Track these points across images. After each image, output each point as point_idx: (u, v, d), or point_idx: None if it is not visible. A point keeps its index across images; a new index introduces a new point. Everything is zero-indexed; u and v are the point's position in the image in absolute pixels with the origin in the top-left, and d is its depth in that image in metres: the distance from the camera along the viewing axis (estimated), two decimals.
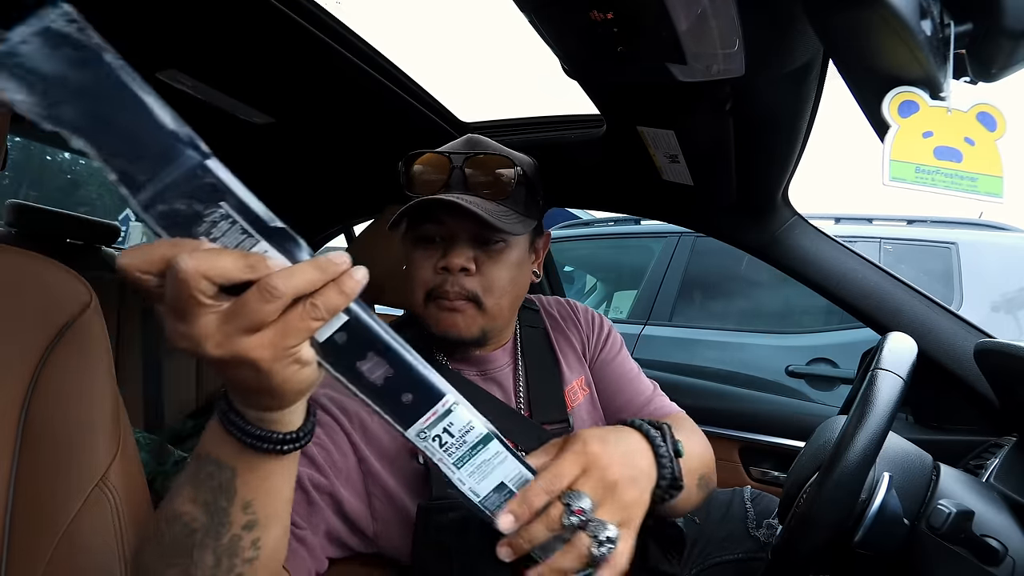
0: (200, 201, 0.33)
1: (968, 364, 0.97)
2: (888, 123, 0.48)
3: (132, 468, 0.54)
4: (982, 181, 0.47)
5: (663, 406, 0.82)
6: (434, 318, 0.67)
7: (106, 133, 0.32)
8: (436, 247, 0.68)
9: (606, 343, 0.85)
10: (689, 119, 0.85)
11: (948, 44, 0.47)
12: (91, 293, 0.55)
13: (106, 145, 0.32)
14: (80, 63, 0.31)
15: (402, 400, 0.39)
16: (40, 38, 0.31)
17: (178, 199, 0.33)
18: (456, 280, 0.65)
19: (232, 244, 0.34)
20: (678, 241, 2.21)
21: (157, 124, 0.33)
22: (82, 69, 0.31)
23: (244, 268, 0.31)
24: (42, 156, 16.22)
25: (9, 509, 0.47)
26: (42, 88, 0.31)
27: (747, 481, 1.41)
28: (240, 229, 0.34)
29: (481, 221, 0.62)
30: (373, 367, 0.37)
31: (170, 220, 0.33)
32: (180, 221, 0.33)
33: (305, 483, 0.57)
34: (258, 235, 0.34)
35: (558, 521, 0.42)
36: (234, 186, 0.34)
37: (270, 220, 0.35)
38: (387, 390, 0.38)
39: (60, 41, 0.31)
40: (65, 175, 18.04)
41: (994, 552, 0.55)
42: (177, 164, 0.33)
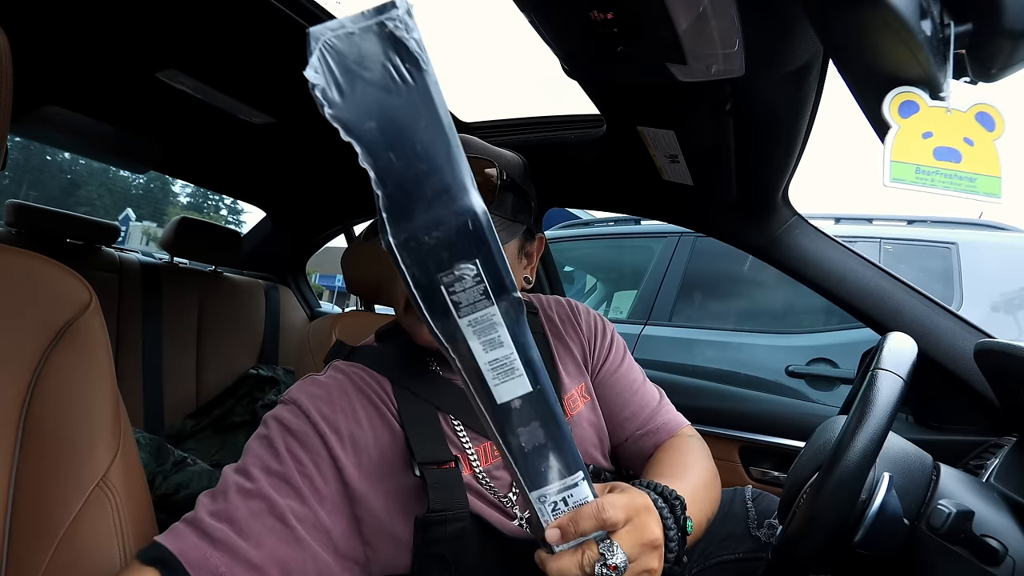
0: (457, 251, 0.33)
1: (968, 364, 0.97)
2: (888, 123, 0.48)
3: (132, 468, 0.54)
4: (981, 181, 0.47)
5: (671, 420, 0.80)
6: (414, 329, 0.65)
7: (400, 154, 0.30)
8: None
9: (610, 352, 0.82)
10: (689, 119, 0.85)
11: (948, 44, 0.47)
12: (91, 293, 0.55)
13: (393, 167, 0.30)
14: (402, 73, 0.30)
15: (540, 467, 0.41)
16: (374, 35, 0.29)
17: (437, 242, 0.32)
18: None
19: (468, 300, 0.34)
20: (678, 241, 2.21)
21: (453, 159, 0.31)
22: (402, 79, 0.30)
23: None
24: (42, 156, 16.21)
25: (9, 509, 0.47)
26: (354, 89, 0.30)
27: (747, 481, 1.41)
28: (482, 290, 0.34)
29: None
30: (531, 435, 0.40)
31: (418, 259, 0.32)
32: (428, 264, 0.32)
33: (288, 517, 0.52)
34: (494, 299, 0.34)
35: (590, 566, 0.43)
36: (494, 246, 0.33)
37: (512, 289, 0.35)
38: (532, 456, 0.40)
39: (391, 43, 0.29)
40: (65, 175, 18.02)
41: (994, 552, 0.55)
42: (455, 208, 0.32)
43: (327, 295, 11.73)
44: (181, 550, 0.47)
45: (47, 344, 0.51)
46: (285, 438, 0.57)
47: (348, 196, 1.83)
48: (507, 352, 0.36)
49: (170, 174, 1.87)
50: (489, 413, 0.39)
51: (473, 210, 0.32)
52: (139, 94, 1.19)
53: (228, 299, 1.88)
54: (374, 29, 0.29)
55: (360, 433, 0.61)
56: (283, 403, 0.61)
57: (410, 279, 0.33)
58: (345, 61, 0.29)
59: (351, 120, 0.30)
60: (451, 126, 0.31)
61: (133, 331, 1.62)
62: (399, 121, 0.30)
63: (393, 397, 0.65)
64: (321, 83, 0.29)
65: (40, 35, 0.98)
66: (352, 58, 0.29)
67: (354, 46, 0.29)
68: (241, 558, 0.48)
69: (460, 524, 0.58)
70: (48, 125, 1.33)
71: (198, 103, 1.17)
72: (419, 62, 0.30)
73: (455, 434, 0.66)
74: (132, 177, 18.66)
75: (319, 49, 0.30)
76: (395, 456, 0.61)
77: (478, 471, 0.65)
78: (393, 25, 0.29)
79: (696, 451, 0.75)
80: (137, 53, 1.02)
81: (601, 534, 0.44)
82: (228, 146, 1.50)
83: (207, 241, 1.83)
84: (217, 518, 0.50)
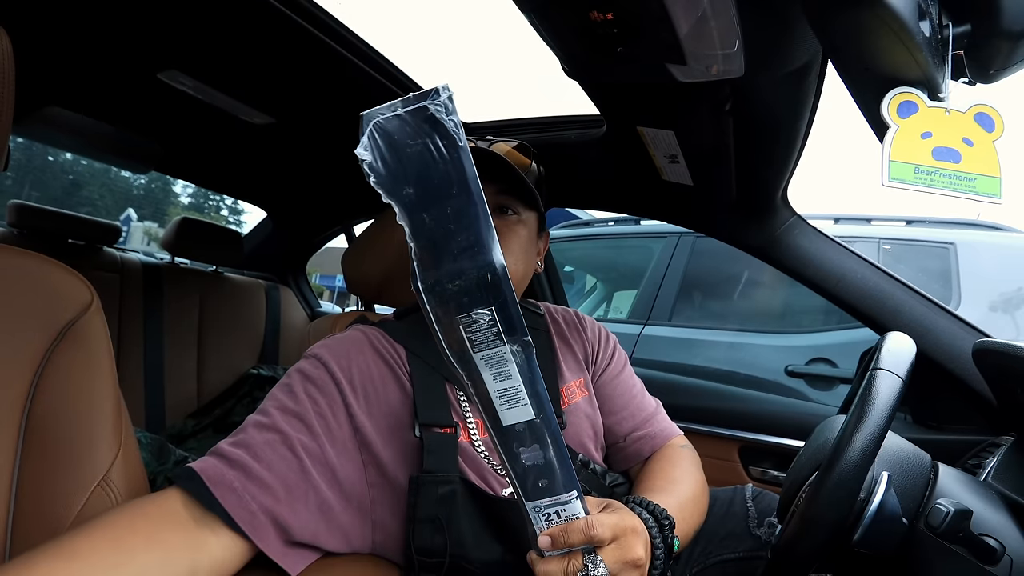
0: (476, 298, 0.38)
1: (966, 364, 0.97)
2: (887, 123, 0.48)
3: (133, 467, 0.55)
4: (980, 181, 0.47)
5: (665, 428, 0.83)
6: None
7: (433, 215, 0.36)
8: None
9: (612, 358, 0.85)
10: (689, 119, 0.85)
11: (947, 45, 0.48)
12: (92, 293, 0.55)
13: (426, 225, 0.36)
14: (440, 149, 0.35)
15: (538, 483, 0.45)
16: (419, 118, 0.34)
17: (459, 289, 0.38)
18: None
19: (483, 340, 0.39)
20: (678, 241, 2.21)
21: (479, 221, 0.37)
22: (439, 154, 0.35)
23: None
24: (44, 157, 16.23)
25: (12, 508, 0.47)
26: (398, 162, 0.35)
27: (747, 480, 1.42)
28: (495, 332, 0.39)
29: (513, 175, 0.66)
30: (532, 455, 0.44)
31: (442, 301, 0.38)
32: (450, 306, 0.38)
33: (297, 448, 0.56)
34: (506, 340, 0.39)
35: (574, 574, 0.47)
36: (509, 296, 0.39)
37: (523, 333, 0.40)
38: (530, 472, 0.44)
39: (432, 125, 0.34)
40: (67, 176, 18.04)
41: (992, 551, 0.55)
42: (477, 262, 0.37)
43: (327, 295, 11.72)
44: (201, 468, 0.52)
45: (49, 344, 0.51)
46: (304, 384, 0.62)
47: (348, 196, 1.83)
48: (515, 384, 0.41)
49: (171, 174, 1.87)
50: (496, 432, 0.43)
51: (493, 265, 0.37)
52: (140, 95, 1.19)
53: (229, 299, 1.88)
54: (419, 113, 0.34)
55: (372, 387, 0.65)
56: (305, 357, 0.67)
57: (433, 318, 0.39)
58: (391, 139, 0.35)
59: (392, 187, 0.35)
60: (479, 193, 0.37)
61: (134, 331, 1.63)
62: (434, 188, 0.36)
63: (406, 362, 0.70)
64: (369, 158, 0.35)
65: (42, 36, 0.98)
66: (398, 136, 0.35)
67: (401, 126, 0.35)
68: (254, 476, 0.53)
69: (450, 487, 0.62)
70: (50, 126, 1.33)
71: (199, 103, 1.17)
72: (455, 141, 0.35)
73: (458, 403, 0.70)
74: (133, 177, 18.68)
75: (370, 129, 0.35)
76: (403, 414, 0.66)
77: (475, 440, 0.68)
78: (435, 109, 0.34)
79: (687, 462, 0.78)
80: (138, 54, 1.02)
81: (588, 547, 0.47)
82: (229, 146, 1.50)
83: (208, 241, 1.83)
84: (234, 446, 0.55)
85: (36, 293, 0.52)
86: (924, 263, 1.83)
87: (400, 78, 1.08)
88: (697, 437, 1.51)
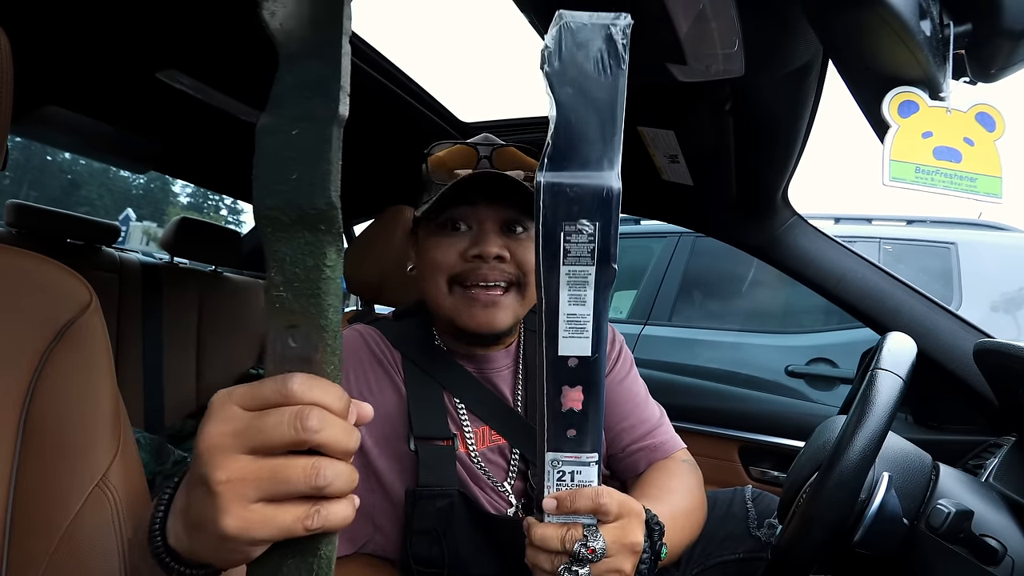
0: (586, 209, 0.40)
1: (967, 364, 0.97)
2: (888, 123, 0.48)
3: (132, 468, 0.54)
4: (981, 181, 0.47)
5: (668, 440, 0.80)
6: (463, 312, 0.65)
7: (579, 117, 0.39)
8: (461, 235, 0.66)
9: (618, 361, 0.82)
10: (689, 119, 0.85)
11: (947, 44, 0.47)
12: (91, 293, 0.55)
13: (570, 126, 0.39)
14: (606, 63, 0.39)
15: (566, 433, 0.44)
16: (600, 30, 0.38)
17: (575, 196, 0.40)
18: (494, 267, 0.64)
19: (576, 253, 0.41)
20: (678, 241, 2.21)
21: (614, 140, 0.40)
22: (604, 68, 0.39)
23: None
24: (43, 156, 16.22)
25: (9, 509, 0.47)
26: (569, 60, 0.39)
27: (747, 481, 1.42)
28: (590, 249, 0.41)
29: (524, 200, 0.62)
30: (572, 398, 0.43)
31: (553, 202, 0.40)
32: (559, 210, 0.40)
33: None
34: (596, 262, 0.42)
35: (571, 542, 0.45)
36: (614, 220, 0.41)
37: (613, 260, 0.42)
38: (564, 418, 0.44)
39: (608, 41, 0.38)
40: (66, 175, 18.03)
41: (993, 552, 0.55)
42: (599, 176, 0.40)
43: None
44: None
45: (47, 344, 0.51)
46: None
47: (348, 196, 1.83)
48: (585, 312, 0.42)
49: (170, 174, 1.87)
50: (549, 362, 0.43)
51: (611, 184, 0.40)
52: (139, 94, 1.19)
53: (228, 299, 1.88)
54: (602, 27, 0.38)
55: (370, 396, 0.65)
56: None
57: (542, 216, 0.40)
58: (573, 39, 0.38)
59: (556, 80, 0.39)
60: (622, 116, 0.39)
61: (133, 331, 1.62)
62: (589, 95, 0.39)
63: (402, 368, 0.69)
64: (551, 47, 0.38)
65: (40, 35, 0.98)
66: (578, 39, 0.38)
67: (584, 32, 0.38)
68: None
69: (448, 500, 0.61)
70: (48, 125, 1.33)
71: (198, 103, 1.17)
72: (620, 61, 0.39)
73: (456, 412, 0.69)
74: (132, 177, 18.68)
75: (559, 25, 0.38)
76: (399, 423, 0.65)
77: (473, 452, 0.67)
78: (615, 30, 0.38)
79: (686, 475, 0.75)
80: (137, 53, 1.02)
81: (590, 520, 0.46)
82: (228, 146, 1.50)
83: (207, 241, 1.83)
84: None
85: (34, 293, 0.52)
86: (925, 263, 1.83)
87: (400, 78, 1.07)
88: (697, 437, 1.51)
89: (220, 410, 0.30)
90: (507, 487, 0.68)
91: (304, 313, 0.31)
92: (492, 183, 0.63)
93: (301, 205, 0.31)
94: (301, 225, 0.31)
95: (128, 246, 4.88)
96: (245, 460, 0.28)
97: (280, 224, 0.31)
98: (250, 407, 0.29)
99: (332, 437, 0.29)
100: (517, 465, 0.70)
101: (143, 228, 17.49)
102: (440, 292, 0.67)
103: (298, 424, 0.28)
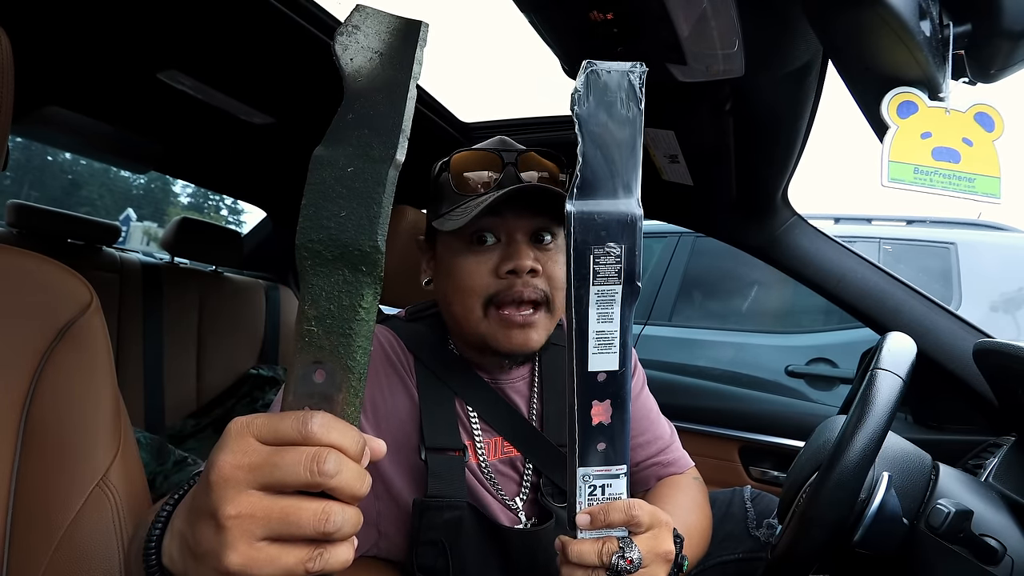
0: (613, 233, 0.44)
1: (967, 364, 0.97)
2: (887, 123, 0.48)
3: (132, 468, 0.54)
4: (980, 182, 0.47)
5: (680, 458, 0.80)
6: (499, 334, 0.62)
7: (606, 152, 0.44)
8: (491, 249, 0.63)
9: (633, 376, 0.80)
10: (689, 119, 0.85)
11: (947, 45, 0.47)
12: (92, 293, 0.55)
13: (597, 159, 0.44)
14: (628, 105, 0.43)
15: (596, 447, 0.46)
16: (619, 74, 0.43)
17: (603, 221, 0.43)
18: (527, 282, 0.61)
19: (604, 274, 0.44)
20: (678, 241, 2.21)
21: (636, 171, 0.44)
22: (625, 109, 0.43)
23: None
24: (43, 156, 16.23)
25: (10, 509, 0.47)
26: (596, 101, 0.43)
27: (747, 481, 1.42)
28: (617, 269, 0.44)
29: (553, 206, 0.60)
30: (603, 412, 0.45)
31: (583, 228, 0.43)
32: (589, 234, 0.43)
33: None
34: (622, 281, 0.44)
35: (608, 555, 0.45)
36: (638, 243, 0.44)
37: (638, 279, 0.45)
38: (594, 432, 0.45)
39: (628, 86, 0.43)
40: (66, 175, 18.04)
41: (993, 551, 0.55)
42: (624, 204, 0.44)
43: None
44: None
45: (48, 344, 0.51)
46: None
47: None
48: (613, 328, 0.45)
49: (170, 174, 1.87)
50: (579, 377, 0.45)
51: (634, 211, 0.44)
52: (140, 94, 1.19)
53: (229, 299, 1.88)
54: (624, 74, 0.43)
55: (382, 401, 0.63)
56: None
57: (573, 242, 0.43)
58: (598, 83, 0.43)
59: (586, 119, 0.43)
60: (640, 150, 0.44)
61: (134, 331, 1.62)
62: (612, 133, 0.44)
63: (415, 371, 0.67)
64: (581, 91, 0.43)
65: (41, 35, 0.98)
66: (603, 83, 0.43)
67: (608, 78, 0.43)
68: None
69: (456, 512, 0.60)
70: (49, 125, 1.33)
71: (198, 103, 1.17)
72: (638, 102, 0.44)
73: (468, 421, 0.67)
74: (133, 177, 18.68)
75: (587, 72, 0.43)
76: (411, 429, 0.63)
77: (483, 463, 0.66)
78: (634, 76, 0.43)
79: (696, 493, 0.75)
80: (138, 53, 1.02)
81: (622, 532, 0.47)
82: (228, 146, 1.50)
83: (207, 241, 1.83)
84: None
85: (35, 293, 0.52)
86: (925, 263, 1.83)
87: None
88: (697, 437, 1.51)
89: (236, 440, 0.29)
90: (517, 502, 0.66)
91: (333, 352, 0.31)
92: (522, 192, 0.60)
93: (346, 244, 0.31)
94: (342, 263, 0.31)
95: (129, 246, 4.88)
96: (256, 496, 0.28)
97: (321, 259, 0.31)
98: (267, 441, 0.29)
99: (345, 482, 0.29)
100: (530, 478, 0.68)
101: (144, 228, 17.48)
102: (474, 316, 0.63)
103: (314, 467, 0.28)
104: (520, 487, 0.68)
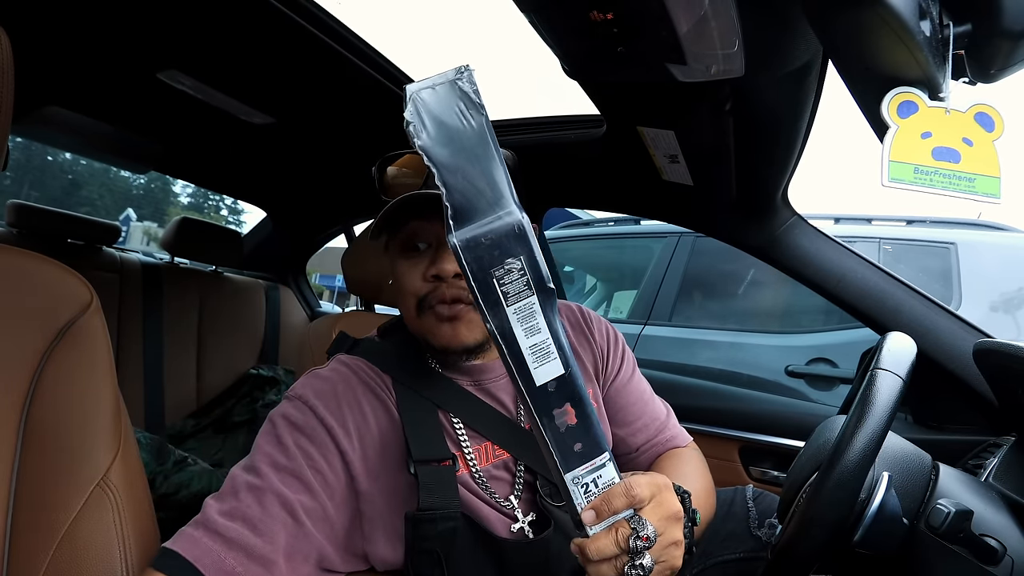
0: (506, 250, 0.43)
1: (967, 364, 0.97)
2: (887, 123, 0.48)
3: (133, 468, 0.54)
4: (980, 181, 0.47)
5: (678, 435, 0.82)
6: (432, 331, 0.65)
7: (465, 173, 0.42)
8: (423, 255, 0.65)
9: (622, 363, 0.82)
10: (689, 119, 0.85)
11: (947, 45, 0.47)
12: (92, 293, 0.55)
13: (460, 184, 0.42)
14: (467, 115, 0.42)
15: (574, 448, 0.46)
16: (447, 88, 0.42)
17: (491, 242, 0.42)
18: (452, 284, 0.62)
19: (514, 291, 0.43)
20: (678, 241, 2.21)
21: (503, 180, 0.43)
22: (467, 120, 0.42)
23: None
24: (43, 156, 16.22)
25: (10, 509, 0.47)
26: (435, 126, 0.42)
27: (747, 480, 1.41)
28: (525, 282, 0.43)
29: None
30: (564, 416, 0.45)
31: (476, 256, 0.42)
32: (483, 259, 0.42)
33: (299, 512, 0.54)
34: (535, 290, 0.43)
35: (624, 540, 0.45)
36: (535, 246, 0.43)
37: (548, 282, 0.44)
38: (566, 436, 0.46)
39: (461, 95, 0.42)
40: (66, 175, 18.04)
41: (993, 551, 0.55)
42: (504, 217, 0.43)
43: (327, 295, 11.71)
44: (195, 556, 0.49)
45: (48, 344, 0.51)
46: (293, 434, 0.58)
47: (348, 196, 1.83)
48: (544, 337, 0.44)
49: (171, 174, 1.87)
50: (530, 396, 0.44)
51: (519, 219, 0.43)
52: (140, 94, 1.19)
53: (229, 299, 1.88)
54: (450, 85, 0.42)
55: (364, 426, 0.62)
56: (288, 399, 0.62)
57: (470, 273, 0.42)
58: (429, 107, 0.42)
59: (431, 149, 0.42)
60: (500, 155, 0.43)
61: (134, 331, 1.63)
62: (464, 149, 0.42)
63: (393, 391, 0.66)
64: (415, 122, 0.41)
65: (41, 35, 0.98)
66: (434, 105, 0.42)
67: (436, 97, 0.42)
68: (256, 555, 0.50)
69: (451, 523, 0.59)
70: (49, 125, 1.34)
71: (198, 103, 1.17)
72: (479, 108, 0.42)
73: (454, 431, 0.66)
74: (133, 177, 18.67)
75: (412, 100, 0.41)
76: (396, 450, 0.63)
77: (475, 471, 0.65)
78: (462, 82, 0.42)
79: (696, 462, 0.78)
80: (138, 53, 1.02)
81: (629, 513, 0.47)
82: (228, 146, 1.50)
83: (207, 241, 1.83)
84: (229, 517, 0.52)
85: (35, 293, 0.52)
86: (925, 263, 1.83)
87: (400, 77, 1.07)
88: (697, 437, 1.50)
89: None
90: (512, 502, 0.66)
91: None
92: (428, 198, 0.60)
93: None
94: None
95: (129, 246, 4.88)
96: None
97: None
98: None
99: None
100: (523, 477, 0.68)
101: (144, 228, 17.49)
102: (411, 315, 0.66)
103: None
104: (513, 487, 0.67)
